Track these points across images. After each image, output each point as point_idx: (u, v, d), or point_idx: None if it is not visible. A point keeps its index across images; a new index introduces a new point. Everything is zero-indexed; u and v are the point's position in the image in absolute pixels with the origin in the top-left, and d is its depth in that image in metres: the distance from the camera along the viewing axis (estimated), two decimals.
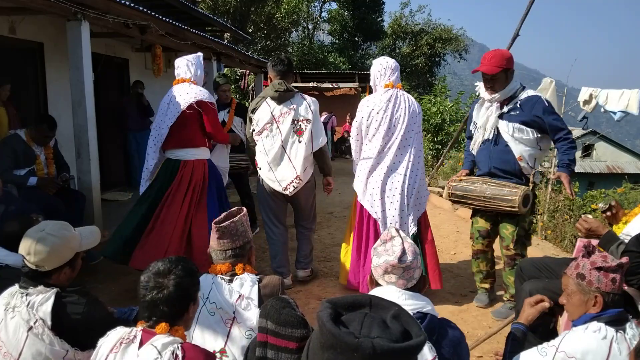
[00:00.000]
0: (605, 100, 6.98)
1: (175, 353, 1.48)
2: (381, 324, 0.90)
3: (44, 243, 1.81)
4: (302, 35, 25.65)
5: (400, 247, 1.60)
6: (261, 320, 1.38)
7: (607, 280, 1.73)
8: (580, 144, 24.76)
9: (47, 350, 1.76)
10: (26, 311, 1.77)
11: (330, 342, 0.86)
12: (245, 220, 2.12)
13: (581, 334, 1.70)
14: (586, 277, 1.77)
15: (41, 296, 1.80)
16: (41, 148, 4.18)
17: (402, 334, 0.89)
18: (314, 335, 0.94)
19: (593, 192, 10.14)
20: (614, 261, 1.76)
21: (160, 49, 6.22)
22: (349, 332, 0.87)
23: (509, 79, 3.29)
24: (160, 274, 1.58)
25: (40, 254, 1.80)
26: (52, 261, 1.84)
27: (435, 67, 27.15)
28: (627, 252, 2.24)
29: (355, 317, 0.92)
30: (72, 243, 1.92)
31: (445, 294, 3.87)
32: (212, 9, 17.83)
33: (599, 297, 1.75)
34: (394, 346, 0.85)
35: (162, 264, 1.61)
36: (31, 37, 5.42)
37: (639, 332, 1.74)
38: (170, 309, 1.55)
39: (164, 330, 1.54)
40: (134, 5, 4.93)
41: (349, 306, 0.96)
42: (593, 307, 1.76)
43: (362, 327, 0.89)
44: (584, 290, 1.78)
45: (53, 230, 1.87)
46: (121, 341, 1.54)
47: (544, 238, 6.39)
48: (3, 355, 1.76)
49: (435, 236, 5.56)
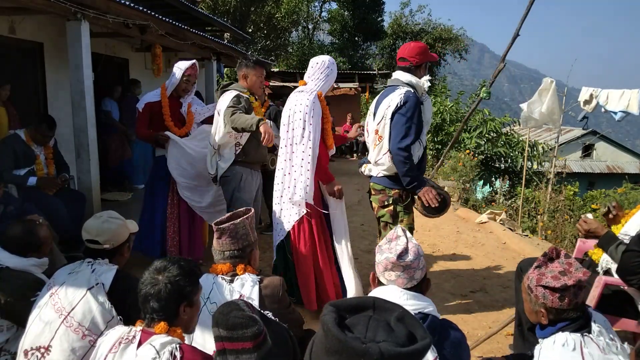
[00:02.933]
0: (605, 100, 6.99)
1: (174, 353, 1.48)
2: (386, 327, 0.90)
3: (109, 225, 2.15)
4: (302, 35, 25.65)
5: (403, 246, 1.62)
6: (214, 329, 1.41)
7: (554, 298, 1.68)
8: (580, 143, 24.81)
9: (97, 310, 1.94)
10: (90, 275, 2.02)
11: (336, 347, 0.85)
12: (249, 222, 2.12)
13: (551, 351, 1.67)
14: (533, 291, 1.74)
15: (106, 266, 2.10)
16: (41, 148, 4.18)
17: (408, 336, 0.89)
18: (317, 339, 0.93)
19: (593, 192, 10.16)
20: (567, 278, 1.66)
21: (160, 49, 6.21)
22: (355, 337, 0.86)
23: None
24: (158, 270, 1.62)
25: (108, 233, 2.13)
26: (117, 238, 2.16)
27: (435, 67, 27.13)
28: (627, 251, 2.24)
29: (359, 321, 0.91)
30: (127, 225, 2.25)
31: (445, 294, 3.87)
32: (212, 9, 17.83)
33: (544, 312, 1.71)
34: (401, 350, 0.84)
35: (161, 261, 1.65)
36: (31, 37, 5.42)
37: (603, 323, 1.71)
38: (159, 304, 1.57)
39: (162, 329, 1.55)
40: (134, 5, 4.93)
41: (353, 309, 0.95)
42: (542, 318, 1.73)
43: (368, 330, 0.89)
44: (532, 301, 1.76)
45: (111, 216, 2.21)
46: (120, 341, 1.55)
47: (544, 238, 6.39)
48: (56, 309, 1.93)
49: (435, 236, 5.58)
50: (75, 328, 1.90)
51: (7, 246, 2.25)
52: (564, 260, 1.74)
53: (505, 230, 5.80)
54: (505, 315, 3.38)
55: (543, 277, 1.71)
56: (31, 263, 2.26)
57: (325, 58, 3.34)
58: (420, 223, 6.17)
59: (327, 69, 3.29)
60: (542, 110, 6.71)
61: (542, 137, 18.88)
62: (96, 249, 2.12)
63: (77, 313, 1.92)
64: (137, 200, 6.49)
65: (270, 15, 19.84)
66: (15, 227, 2.31)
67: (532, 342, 2.56)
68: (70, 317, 1.91)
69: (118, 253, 2.19)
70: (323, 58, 3.33)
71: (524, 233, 6.16)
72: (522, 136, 12.00)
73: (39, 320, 1.92)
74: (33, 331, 1.91)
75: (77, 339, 1.88)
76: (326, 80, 3.30)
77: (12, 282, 2.14)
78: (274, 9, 19.81)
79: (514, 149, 11.69)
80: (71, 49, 4.47)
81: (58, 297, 1.95)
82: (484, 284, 4.14)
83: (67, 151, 4.84)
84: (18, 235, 2.27)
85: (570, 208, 7.31)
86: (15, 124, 4.75)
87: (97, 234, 2.11)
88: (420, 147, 3.08)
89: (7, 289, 2.11)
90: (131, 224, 2.31)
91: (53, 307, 1.93)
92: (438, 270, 4.41)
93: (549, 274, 1.70)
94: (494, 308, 3.65)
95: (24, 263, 2.23)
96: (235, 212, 2.17)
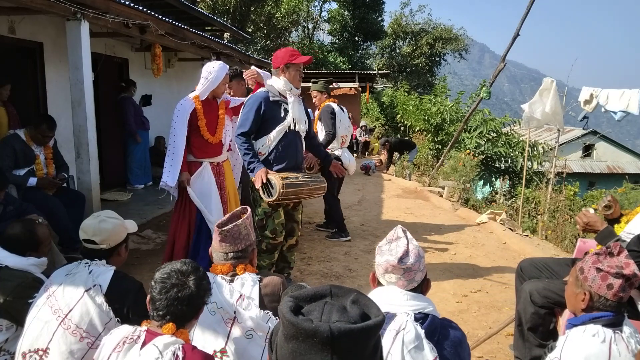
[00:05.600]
0: (605, 100, 6.98)
1: (176, 354, 1.48)
2: (340, 309, 0.92)
3: (106, 224, 2.11)
4: (302, 35, 25.63)
5: (404, 248, 1.59)
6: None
7: (602, 283, 1.72)
8: (580, 143, 24.79)
9: (95, 312, 1.93)
10: (87, 276, 2.00)
11: (292, 332, 0.88)
12: (249, 222, 2.11)
13: (580, 339, 1.69)
14: (584, 272, 1.78)
15: (103, 267, 2.07)
16: (41, 148, 4.18)
17: (361, 316, 0.92)
18: (279, 329, 0.96)
19: (593, 192, 10.15)
20: (623, 269, 1.70)
21: (160, 49, 6.21)
22: (306, 319, 0.89)
23: None
24: (183, 273, 1.60)
25: (105, 233, 2.10)
26: (114, 238, 2.14)
27: (435, 67, 27.14)
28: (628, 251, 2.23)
29: (315, 307, 0.94)
30: (125, 225, 2.22)
31: (445, 294, 3.87)
32: (212, 9, 17.82)
33: (586, 295, 1.75)
34: (352, 327, 0.86)
35: (181, 264, 1.63)
36: (31, 37, 5.42)
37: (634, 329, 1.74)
38: (188, 308, 1.57)
39: (170, 330, 1.55)
40: (134, 4, 4.92)
41: (310, 298, 0.98)
42: (581, 302, 1.77)
43: (322, 314, 0.91)
44: (578, 282, 1.80)
45: (108, 215, 2.18)
46: (124, 340, 1.55)
47: (544, 238, 6.39)
48: (54, 311, 1.92)
49: (435, 236, 5.58)
50: (73, 330, 1.89)
51: (6, 245, 2.26)
52: (624, 260, 1.77)
53: (505, 230, 5.80)
54: (505, 315, 3.38)
55: (600, 261, 1.75)
56: (30, 262, 2.26)
57: (209, 63, 3.70)
58: (422, 223, 6.18)
59: (208, 73, 3.63)
60: (545, 110, 6.70)
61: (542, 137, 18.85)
62: (93, 249, 2.11)
63: (74, 315, 1.90)
64: (136, 201, 6.49)
65: (270, 15, 19.84)
66: (15, 226, 2.33)
67: (532, 342, 2.57)
68: (67, 320, 1.90)
69: (115, 253, 2.17)
70: (208, 63, 3.70)
71: (524, 233, 6.16)
72: (522, 136, 11.98)
73: (37, 322, 1.91)
74: (31, 333, 1.90)
75: (75, 341, 1.88)
76: (205, 84, 3.64)
77: (12, 281, 2.14)
78: (274, 8, 19.80)
79: (514, 149, 11.68)
80: (71, 49, 4.47)
81: (55, 299, 1.94)
82: (484, 284, 4.14)
83: (66, 151, 4.84)
84: (17, 234, 2.28)
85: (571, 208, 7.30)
86: (15, 124, 4.74)
87: (94, 234, 2.09)
88: (268, 141, 3.47)
89: (6, 287, 2.11)
90: (130, 223, 2.29)
91: (50, 308, 1.92)
92: (438, 270, 4.41)
93: (606, 262, 1.75)
94: (494, 308, 3.64)
95: (23, 262, 2.23)
96: (234, 213, 2.16)
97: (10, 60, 5.46)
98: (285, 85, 3.46)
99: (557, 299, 2.40)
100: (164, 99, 8.48)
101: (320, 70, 18.33)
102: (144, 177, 7.41)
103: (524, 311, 2.57)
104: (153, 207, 6.11)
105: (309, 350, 0.86)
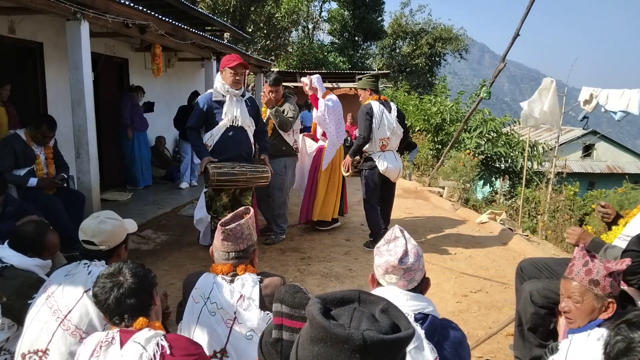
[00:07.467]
0: (605, 100, 6.98)
1: (160, 344, 1.50)
2: (370, 318, 0.91)
3: (105, 225, 2.10)
4: (302, 34, 25.63)
5: (403, 248, 1.58)
6: (276, 305, 1.41)
7: (616, 285, 1.74)
8: (580, 143, 24.77)
9: (95, 313, 1.91)
10: (86, 277, 1.99)
11: (321, 335, 0.87)
12: (252, 222, 2.11)
13: (585, 344, 1.67)
14: (600, 284, 1.74)
15: (102, 268, 2.00)
16: (41, 148, 4.18)
17: (391, 326, 0.91)
18: (303, 330, 0.95)
19: (593, 192, 10.15)
20: (619, 265, 1.76)
21: (160, 49, 6.20)
22: (339, 325, 0.88)
23: None
24: (112, 274, 1.64)
25: (105, 234, 2.09)
26: (114, 239, 2.13)
27: (435, 67, 27.14)
28: (627, 251, 2.23)
29: (344, 312, 0.93)
30: (124, 225, 2.22)
31: (445, 294, 3.87)
32: (212, 9, 17.81)
33: (612, 303, 1.74)
34: (384, 337, 0.86)
35: (107, 269, 1.68)
36: (31, 37, 5.42)
37: None
38: (136, 298, 1.60)
39: (143, 324, 1.58)
40: (134, 4, 4.93)
41: (338, 302, 0.97)
42: (604, 312, 1.74)
43: (352, 320, 0.90)
44: (598, 296, 1.76)
45: (108, 216, 2.17)
46: (100, 345, 1.54)
47: (544, 238, 6.39)
48: (53, 312, 1.92)
49: (435, 236, 5.58)
50: (73, 331, 1.88)
51: (13, 240, 2.29)
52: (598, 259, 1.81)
53: (505, 230, 5.80)
54: (505, 315, 3.38)
55: (611, 266, 1.76)
56: (34, 263, 2.27)
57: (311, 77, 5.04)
58: (422, 223, 6.17)
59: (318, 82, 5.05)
60: (543, 109, 6.70)
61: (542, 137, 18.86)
62: (92, 249, 2.10)
63: (74, 316, 1.90)
64: (136, 201, 6.49)
65: (270, 15, 19.83)
66: (29, 225, 2.37)
67: (532, 342, 2.57)
68: (67, 320, 1.90)
69: (115, 254, 2.16)
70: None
71: (524, 233, 6.16)
72: (522, 136, 11.99)
73: (36, 323, 1.91)
74: (30, 334, 1.90)
75: (75, 342, 1.87)
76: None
77: (16, 280, 2.15)
78: (274, 8, 19.80)
79: (514, 149, 11.68)
80: (71, 49, 4.47)
81: (54, 300, 1.94)
82: (484, 284, 4.14)
83: (66, 151, 4.83)
84: (27, 232, 2.31)
85: (571, 208, 7.30)
86: (15, 124, 4.74)
87: (93, 235, 2.09)
88: (212, 135, 4.11)
89: (10, 286, 2.12)
90: (129, 223, 2.28)
91: (50, 309, 1.92)
92: (438, 270, 4.41)
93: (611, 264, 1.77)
94: (494, 308, 3.64)
95: (27, 262, 2.24)
96: (236, 213, 2.16)
97: (10, 60, 5.46)
98: (222, 86, 4.06)
99: (557, 299, 2.39)
100: (164, 99, 8.48)
101: (320, 70, 18.33)
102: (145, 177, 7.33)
103: (524, 311, 2.57)
104: (153, 207, 6.11)
105: (337, 356, 0.85)
